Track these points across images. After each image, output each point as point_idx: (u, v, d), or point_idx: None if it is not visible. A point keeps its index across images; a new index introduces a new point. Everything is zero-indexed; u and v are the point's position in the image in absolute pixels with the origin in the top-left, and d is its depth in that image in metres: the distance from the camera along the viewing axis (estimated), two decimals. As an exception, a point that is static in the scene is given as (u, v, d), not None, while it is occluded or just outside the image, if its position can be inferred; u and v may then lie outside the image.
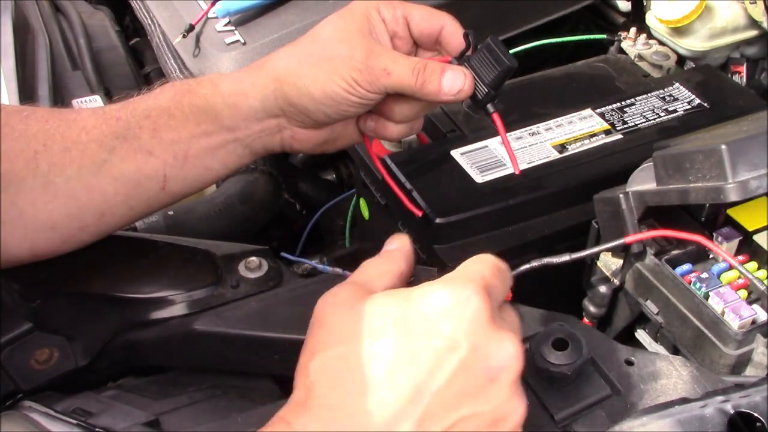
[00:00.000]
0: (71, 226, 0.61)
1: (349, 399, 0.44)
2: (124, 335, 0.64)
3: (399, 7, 0.66)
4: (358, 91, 0.62)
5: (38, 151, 0.59)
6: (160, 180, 0.63)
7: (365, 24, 0.64)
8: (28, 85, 0.99)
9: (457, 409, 0.45)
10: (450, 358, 0.45)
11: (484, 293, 0.47)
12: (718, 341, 0.59)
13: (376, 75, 0.62)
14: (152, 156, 0.62)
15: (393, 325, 0.46)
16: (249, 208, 0.90)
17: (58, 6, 1.21)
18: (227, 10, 0.96)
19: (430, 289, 0.47)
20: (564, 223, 0.75)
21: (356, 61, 0.62)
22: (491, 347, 0.46)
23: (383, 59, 0.62)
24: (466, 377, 0.45)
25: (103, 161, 0.60)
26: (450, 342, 0.45)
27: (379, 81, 0.62)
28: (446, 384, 0.44)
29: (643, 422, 0.49)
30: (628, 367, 0.58)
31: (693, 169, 0.59)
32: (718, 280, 0.61)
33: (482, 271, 0.48)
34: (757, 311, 0.59)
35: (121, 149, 0.61)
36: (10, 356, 0.60)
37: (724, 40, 0.95)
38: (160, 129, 0.62)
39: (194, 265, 0.68)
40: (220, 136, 0.64)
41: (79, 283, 0.64)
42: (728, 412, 0.48)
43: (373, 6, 0.65)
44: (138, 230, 0.82)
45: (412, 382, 0.44)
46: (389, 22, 0.65)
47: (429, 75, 0.62)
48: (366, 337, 0.46)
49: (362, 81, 0.62)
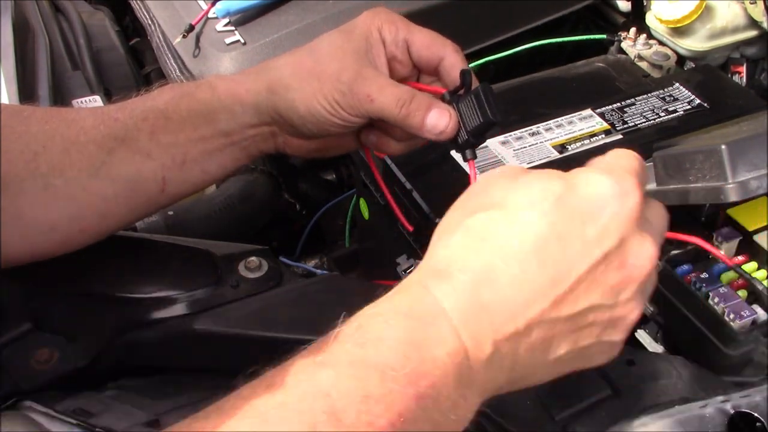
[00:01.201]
0: (71, 227, 0.61)
1: (492, 266, 0.44)
2: (124, 335, 0.64)
3: (402, 30, 0.64)
4: (339, 113, 0.61)
5: (38, 152, 0.59)
6: (159, 182, 0.63)
7: (363, 44, 0.63)
8: (28, 85, 0.99)
9: (587, 298, 0.45)
10: (597, 248, 0.44)
11: (641, 189, 0.46)
12: (718, 341, 0.59)
13: (359, 100, 0.60)
14: (150, 159, 0.62)
15: (552, 201, 0.45)
16: (249, 208, 0.90)
17: (58, 6, 1.21)
18: (227, 10, 0.96)
19: (594, 176, 0.46)
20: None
21: (342, 83, 0.61)
22: (634, 244, 0.46)
23: (369, 85, 0.60)
24: (605, 269, 0.45)
25: (102, 163, 0.60)
26: (602, 232, 0.45)
27: (362, 106, 0.61)
28: (587, 272, 0.44)
29: (643, 422, 0.49)
30: (628, 367, 0.58)
31: (693, 169, 0.59)
32: (718, 280, 0.61)
33: (635, 166, 0.48)
34: (757, 311, 0.59)
35: (119, 151, 0.61)
36: (10, 356, 0.60)
37: (724, 40, 0.95)
38: (157, 132, 0.62)
39: (194, 265, 0.68)
40: (217, 140, 0.64)
41: (79, 283, 0.64)
42: (728, 412, 0.48)
43: (376, 26, 0.63)
44: (138, 230, 0.82)
45: (558, 262, 0.44)
46: (389, 44, 0.64)
47: (414, 108, 0.60)
48: (523, 206, 0.45)
49: (344, 104, 0.61)
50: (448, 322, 0.43)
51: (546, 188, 0.45)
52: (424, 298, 0.43)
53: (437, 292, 0.43)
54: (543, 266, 0.44)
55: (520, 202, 0.45)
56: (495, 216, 0.45)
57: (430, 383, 0.41)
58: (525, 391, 0.57)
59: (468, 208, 0.47)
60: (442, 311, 0.43)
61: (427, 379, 0.41)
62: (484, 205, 0.46)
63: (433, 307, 0.43)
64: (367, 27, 0.63)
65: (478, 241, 0.45)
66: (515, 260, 0.44)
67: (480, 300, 0.43)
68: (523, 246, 0.44)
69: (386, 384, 0.40)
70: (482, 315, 0.43)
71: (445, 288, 0.44)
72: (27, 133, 0.59)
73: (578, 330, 0.46)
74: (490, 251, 0.44)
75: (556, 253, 0.44)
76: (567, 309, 0.45)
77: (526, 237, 0.44)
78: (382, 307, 0.44)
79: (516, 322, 0.44)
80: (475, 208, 0.47)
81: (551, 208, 0.45)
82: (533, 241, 0.44)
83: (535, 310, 0.44)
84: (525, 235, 0.44)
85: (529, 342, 0.45)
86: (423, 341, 0.42)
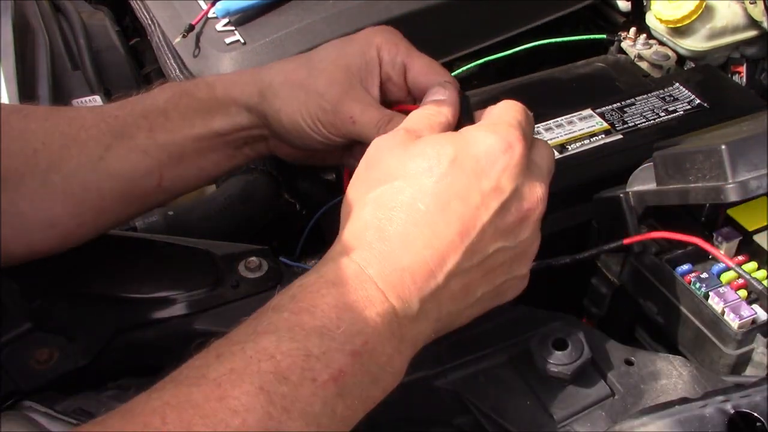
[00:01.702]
0: (69, 223, 0.61)
1: (405, 232, 0.48)
2: (124, 335, 0.64)
3: (402, 53, 0.63)
4: (320, 131, 0.62)
5: (37, 149, 0.59)
6: (155, 178, 0.63)
7: (358, 60, 0.62)
8: (28, 85, 0.99)
9: (494, 243, 0.51)
10: (494, 199, 0.50)
11: (524, 140, 0.52)
12: (718, 341, 0.59)
13: (341, 120, 0.61)
14: (147, 155, 0.62)
15: (447, 164, 0.49)
16: (249, 208, 0.90)
17: (58, 6, 1.21)
18: (227, 10, 0.96)
19: (480, 134, 0.51)
20: (564, 223, 0.75)
21: (326, 101, 0.61)
22: (525, 190, 0.51)
23: (353, 106, 0.61)
24: (505, 216, 0.51)
25: (100, 158, 0.61)
26: (496, 184, 0.50)
27: (344, 126, 0.61)
28: (489, 221, 0.50)
29: (643, 422, 0.49)
30: (628, 367, 0.58)
31: (693, 169, 0.59)
32: (718, 280, 0.61)
33: (518, 117, 0.53)
34: (757, 311, 0.59)
35: (117, 147, 0.61)
36: (10, 356, 0.60)
37: (724, 40, 0.95)
38: (155, 129, 0.63)
39: (194, 265, 0.68)
40: (212, 139, 0.64)
41: (79, 283, 0.64)
42: (728, 412, 0.48)
43: (376, 44, 0.63)
44: (138, 230, 0.82)
45: (462, 217, 0.49)
46: (386, 64, 0.63)
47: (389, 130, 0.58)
48: (422, 172, 0.49)
49: (326, 122, 0.61)
50: (374, 285, 0.47)
51: (440, 153, 0.50)
52: (349, 267, 0.47)
53: (361, 261, 0.48)
54: (450, 224, 0.49)
55: (418, 169, 0.50)
56: (398, 186, 0.49)
57: (364, 340, 0.45)
58: (525, 392, 0.57)
59: (369, 182, 0.51)
60: (368, 277, 0.47)
61: (361, 337, 0.45)
62: (385, 176, 0.50)
63: (359, 274, 0.47)
64: (367, 44, 0.63)
65: (387, 210, 0.49)
66: (425, 223, 0.48)
67: (401, 264, 0.48)
68: (429, 208, 0.48)
69: (324, 343, 0.44)
70: (405, 276, 0.47)
71: (367, 256, 0.48)
72: (27, 131, 0.60)
73: (491, 272, 0.52)
74: (400, 220, 0.48)
75: (460, 210, 0.49)
76: (478, 256, 0.50)
77: (431, 200, 0.49)
78: (311, 278, 0.48)
79: (436, 278, 0.48)
80: (375, 181, 0.50)
81: (448, 170, 0.49)
82: (437, 202, 0.49)
83: (451, 263, 0.49)
84: (429, 198, 0.49)
85: (451, 292, 0.50)
86: (354, 304, 0.46)
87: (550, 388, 0.57)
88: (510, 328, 0.62)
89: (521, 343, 0.60)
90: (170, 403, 0.41)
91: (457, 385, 0.59)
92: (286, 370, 0.43)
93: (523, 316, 0.63)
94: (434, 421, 0.61)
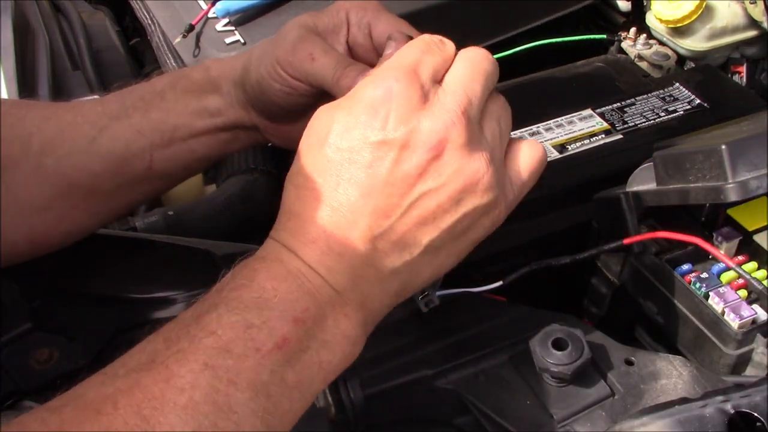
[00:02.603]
0: (63, 205, 0.62)
1: (308, 207, 0.48)
2: (124, 335, 0.64)
3: (369, 14, 0.62)
4: (279, 74, 0.60)
5: (32, 132, 0.61)
6: (146, 159, 0.64)
7: (325, 21, 0.62)
8: (28, 85, 0.99)
9: (408, 194, 0.48)
10: (386, 148, 0.48)
11: (408, 76, 0.49)
12: (718, 341, 0.59)
13: (299, 58, 0.59)
14: (140, 135, 0.63)
15: (333, 129, 0.49)
16: (249, 208, 0.90)
17: (58, 6, 1.21)
18: (227, 10, 0.96)
19: (359, 88, 0.50)
20: (564, 223, 0.75)
21: (287, 41, 0.59)
22: (424, 126, 0.48)
23: (315, 46, 0.59)
24: (408, 162, 0.48)
25: (93, 139, 0.62)
26: (382, 134, 0.48)
27: (302, 65, 0.59)
28: (389, 173, 0.48)
29: (643, 422, 0.49)
30: (628, 367, 0.58)
31: (693, 169, 0.59)
32: (718, 279, 0.61)
33: (409, 54, 0.50)
34: (757, 311, 0.59)
35: (111, 128, 0.63)
36: (10, 356, 0.60)
37: (724, 40, 0.95)
38: (150, 110, 0.64)
39: (194, 265, 0.68)
40: (204, 120, 0.65)
41: (79, 283, 0.64)
42: (728, 412, 0.48)
43: (345, 8, 0.62)
44: (138, 230, 0.82)
45: (358, 179, 0.48)
46: (353, 26, 0.62)
47: (348, 71, 0.57)
48: (314, 144, 0.49)
49: (284, 61, 0.59)
50: (296, 257, 0.48)
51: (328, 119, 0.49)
52: (273, 245, 0.49)
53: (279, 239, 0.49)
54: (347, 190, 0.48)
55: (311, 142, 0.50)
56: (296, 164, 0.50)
57: (303, 307, 0.46)
58: (525, 392, 0.57)
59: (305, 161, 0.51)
60: (287, 250, 0.48)
61: (300, 303, 0.46)
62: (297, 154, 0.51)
63: (280, 250, 0.48)
64: (336, 8, 0.63)
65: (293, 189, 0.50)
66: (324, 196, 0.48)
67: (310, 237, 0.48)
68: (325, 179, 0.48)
69: (264, 313, 0.45)
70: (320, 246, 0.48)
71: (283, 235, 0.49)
72: (25, 118, 0.62)
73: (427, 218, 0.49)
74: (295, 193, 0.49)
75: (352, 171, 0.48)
76: (397, 210, 0.48)
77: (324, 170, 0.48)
78: (246, 261, 0.49)
79: (353, 243, 0.48)
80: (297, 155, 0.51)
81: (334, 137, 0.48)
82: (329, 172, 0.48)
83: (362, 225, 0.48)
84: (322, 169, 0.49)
85: (381, 251, 0.48)
86: (286, 276, 0.47)
87: (550, 388, 0.57)
88: (510, 328, 0.62)
89: (521, 343, 0.60)
90: (121, 389, 0.42)
91: (457, 385, 0.59)
92: (229, 343, 0.44)
93: (523, 316, 0.63)
94: (434, 421, 0.61)
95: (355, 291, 0.49)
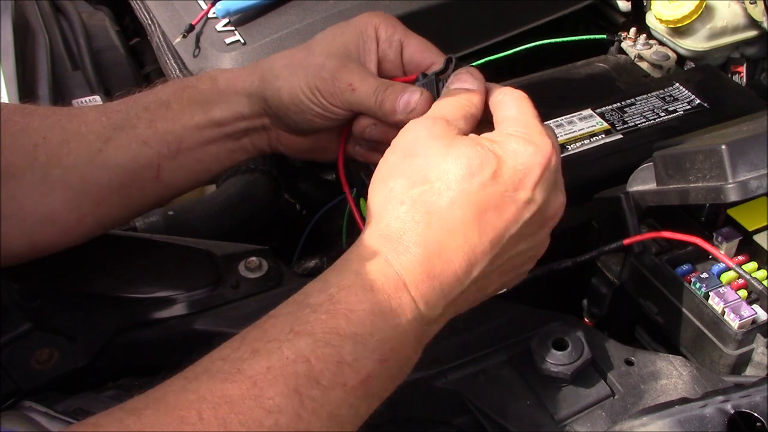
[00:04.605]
0: (69, 217, 0.61)
1: (441, 238, 0.49)
2: (124, 335, 0.64)
3: (399, 32, 0.64)
4: (319, 100, 0.62)
5: (38, 143, 0.60)
6: (153, 170, 0.64)
7: (355, 38, 0.63)
8: (28, 85, 0.99)
9: (516, 247, 0.53)
10: (527, 210, 0.52)
11: (557, 150, 0.54)
12: (718, 341, 0.59)
13: (340, 88, 0.61)
14: (146, 146, 0.63)
15: (489, 174, 0.51)
16: (249, 208, 0.90)
17: (58, 6, 1.21)
18: (227, 10, 0.96)
19: (520, 146, 0.52)
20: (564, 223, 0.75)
21: (325, 71, 0.61)
22: (551, 200, 0.54)
23: (353, 75, 0.61)
24: (532, 224, 0.52)
25: (98, 151, 0.61)
26: (531, 195, 0.52)
27: (342, 95, 0.61)
28: (517, 231, 0.52)
29: (643, 422, 0.49)
30: (628, 367, 0.58)
31: (693, 169, 0.59)
32: (718, 280, 0.61)
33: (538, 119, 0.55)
34: (757, 311, 0.59)
35: (117, 139, 0.62)
36: (10, 356, 0.60)
37: (724, 40, 0.95)
38: (156, 120, 0.63)
39: (194, 265, 0.68)
40: (211, 130, 0.65)
41: (79, 283, 0.64)
42: (728, 412, 0.48)
43: (373, 24, 0.64)
44: (138, 230, 0.82)
45: (495, 228, 0.51)
46: (382, 41, 0.64)
47: (389, 94, 0.60)
48: (463, 179, 0.50)
49: (325, 92, 0.61)
50: (408, 294, 0.49)
51: (483, 161, 0.51)
52: (386, 271, 0.49)
53: (397, 266, 0.49)
54: (483, 233, 0.50)
55: (459, 174, 0.50)
56: (438, 188, 0.50)
57: (392, 347, 0.48)
58: (525, 391, 0.57)
59: (407, 174, 0.51)
60: (404, 285, 0.49)
61: (390, 344, 0.48)
62: (424, 172, 0.51)
63: (395, 281, 0.49)
64: (364, 23, 0.64)
65: (425, 214, 0.50)
66: (459, 232, 0.50)
67: (433, 271, 0.49)
68: (466, 217, 0.50)
69: (357, 350, 0.46)
70: (435, 284, 0.49)
71: (404, 261, 0.49)
72: (28, 127, 0.61)
73: (506, 272, 0.54)
74: (437, 225, 0.50)
75: (494, 220, 0.50)
76: (500, 261, 0.52)
77: (468, 209, 0.50)
78: (348, 278, 0.49)
79: (462, 284, 0.50)
80: (414, 174, 0.51)
81: (488, 180, 0.50)
82: (473, 211, 0.50)
83: (477, 270, 0.51)
84: (466, 207, 0.50)
85: (470, 293, 0.52)
86: (388, 312, 0.48)
87: (550, 388, 0.57)
88: (510, 328, 0.62)
89: (521, 343, 0.60)
90: (206, 398, 0.42)
91: (457, 385, 0.59)
92: (320, 374, 0.44)
93: (523, 316, 0.63)
94: (434, 421, 0.61)
95: (434, 329, 0.52)
